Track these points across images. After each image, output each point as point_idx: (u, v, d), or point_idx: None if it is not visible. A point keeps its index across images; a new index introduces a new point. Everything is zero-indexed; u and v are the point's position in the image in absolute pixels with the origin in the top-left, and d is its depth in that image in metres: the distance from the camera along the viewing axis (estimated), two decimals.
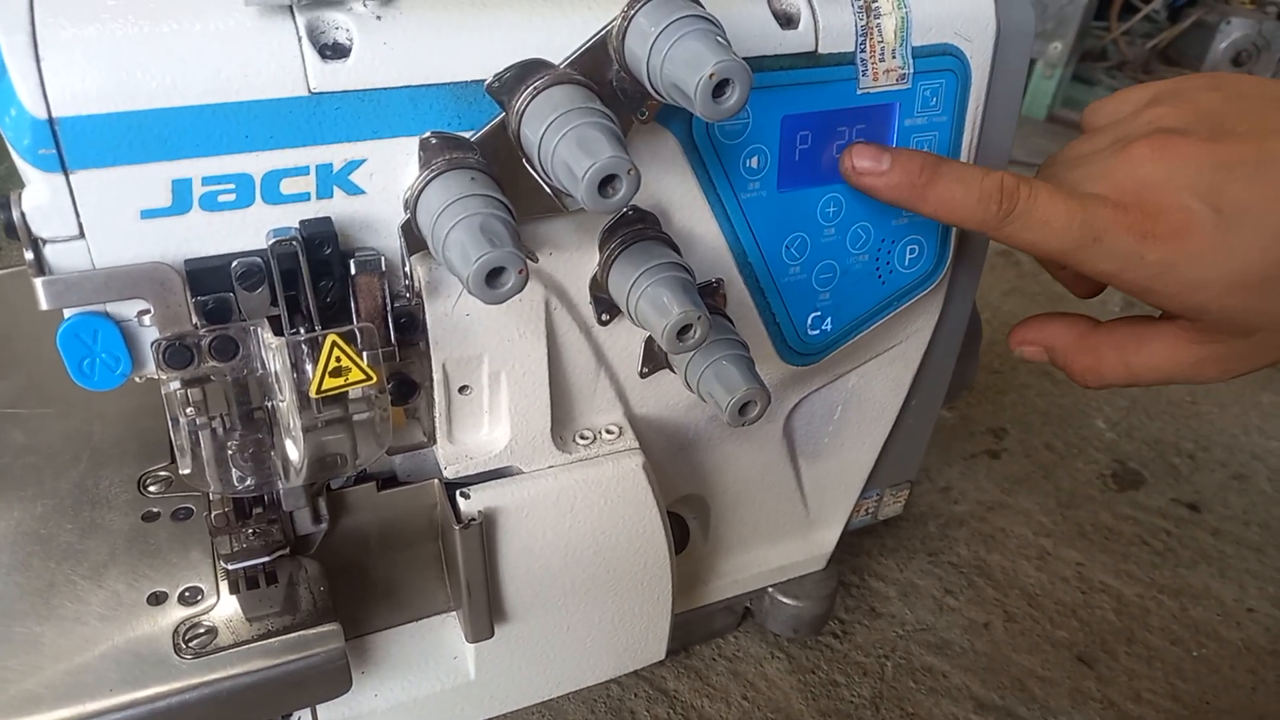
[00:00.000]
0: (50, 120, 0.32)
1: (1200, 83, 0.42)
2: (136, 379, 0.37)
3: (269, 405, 0.39)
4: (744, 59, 0.33)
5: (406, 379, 0.42)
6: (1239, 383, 0.99)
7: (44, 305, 0.34)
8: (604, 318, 0.44)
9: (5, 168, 0.34)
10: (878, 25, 0.43)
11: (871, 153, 0.43)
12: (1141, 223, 0.38)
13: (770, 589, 0.63)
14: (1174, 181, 0.38)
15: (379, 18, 0.36)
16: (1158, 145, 0.39)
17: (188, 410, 0.38)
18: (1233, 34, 1.82)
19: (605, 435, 0.48)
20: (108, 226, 0.34)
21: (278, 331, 0.37)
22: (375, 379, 0.38)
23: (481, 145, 0.37)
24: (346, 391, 0.38)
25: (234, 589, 0.42)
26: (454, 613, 0.50)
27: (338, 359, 0.36)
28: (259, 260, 0.36)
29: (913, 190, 0.42)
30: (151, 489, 0.48)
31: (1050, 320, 0.47)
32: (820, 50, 0.42)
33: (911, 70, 0.44)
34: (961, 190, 0.41)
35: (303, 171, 0.36)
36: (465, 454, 0.45)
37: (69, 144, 0.33)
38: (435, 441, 0.44)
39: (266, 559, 0.42)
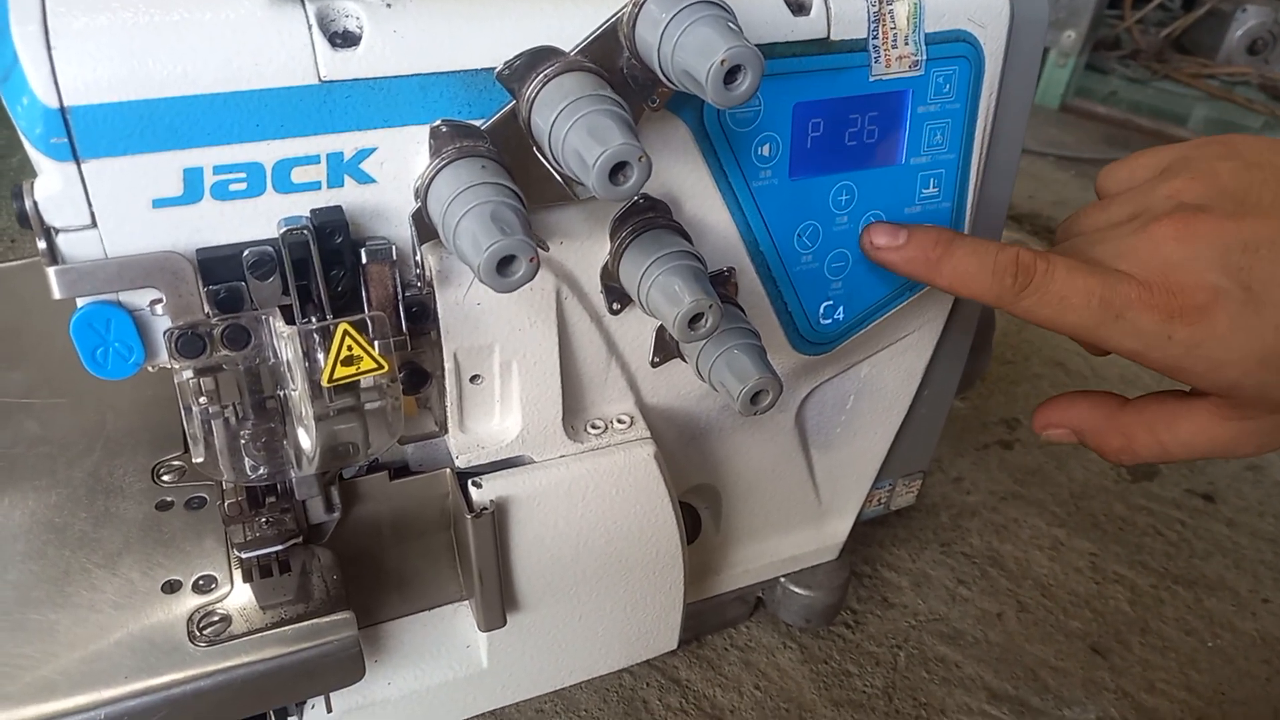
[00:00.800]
0: (62, 109, 0.32)
1: (1214, 150, 0.42)
2: (149, 368, 0.38)
3: (281, 394, 0.39)
4: (755, 46, 0.33)
5: (418, 368, 0.42)
6: None
7: (57, 294, 0.34)
8: (615, 307, 0.44)
9: (20, 159, 0.34)
10: (890, 12, 0.43)
11: (889, 229, 0.45)
12: (1167, 301, 0.38)
13: (782, 579, 0.63)
14: (1199, 261, 0.38)
15: (389, 5, 0.36)
16: (1181, 224, 0.38)
17: (200, 399, 0.38)
18: (1248, 22, 1.80)
19: (617, 425, 0.48)
20: (120, 215, 0.34)
21: (289, 320, 0.37)
22: (387, 368, 0.38)
23: (492, 133, 0.37)
24: (358, 380, 0.38)
25: (247, 577, 0.42)
26: (466, 602, 0.50)
27: (349, 348, 0.36)
28: (270, 249, 0.36)
29: (928, 264, 0.43)
30: (165, 478, 0.48)
31: (1075, 401, 0.46)
32: (832, 37, 0.42)
33: (924, 57, 0.44)
34: (976, 264, 0.41)
35: (313, 160, 0.36)
36: (477, 443, 0.45)
37: (81, 133, 0.33)
38: (447, 431, 0.44)
39: (279, 547, 0.42)
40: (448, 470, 0.46)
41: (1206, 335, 0.38)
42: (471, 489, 0.45)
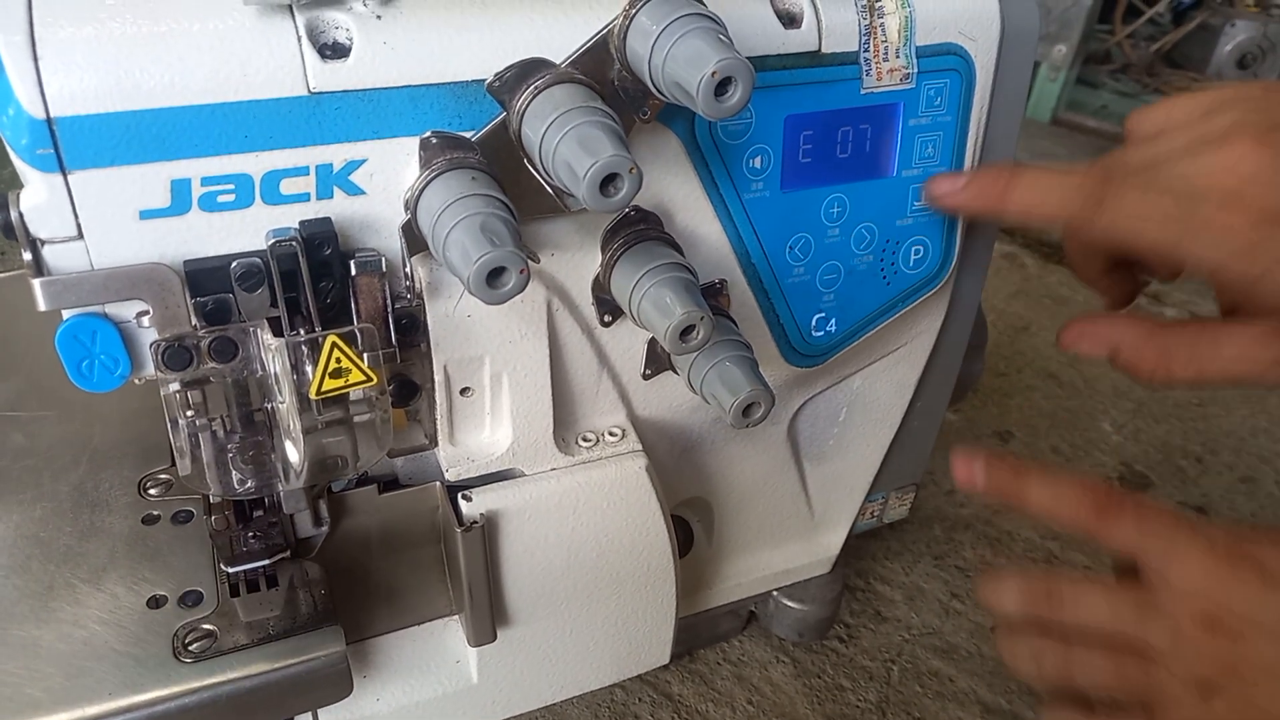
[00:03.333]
0: (48, 120, 0.32)
1: (1254, 90, 0.41)
2: (135, 381, 0.37)
3: (269, 407, 0.39)
4: (746, 58, 0.33)
5: (407, 381, 0.42)
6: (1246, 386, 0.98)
7: (42, 306, 0.34)
8: (606, 319, 0.44)
9: (9, 173, 0.34)
10: (881, 25, 0.43)
11: (949, 177, 0.46)
12: (1255, 205, 0.37)
13: (775, 593, 0.63)
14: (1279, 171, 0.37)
15: (379, 17, 0.35)
16: (1258, 139, 0.38)
17: (187, 412, 0.37)
18: (1237, 36, 1.81)
19: (608, 437, 0.48)
20: (106, 227, 0.34)
21: (277, 332, 0.36)
22: (375, 380, 0.37)
23: (482, 145, 0.37)
24: (347, 393, 0.37)
25: (234, 592, 0.41)
26: (456, 616, 0.50)
27: (338, 360, 0.36)
28: (259, 261, 0.36)
29: (995, 198, 0.44)
30: (152, 492, 0.48)
31: (1112, 318, 0.46)
32: (823, 50, 0.42)
33: (915, 70, 0.44)
34: (1044, 188, 0.42)
35: (302, 172, 0.36)
36: (467, 456, 0.45)
37: (67, 144, 0.32)
38: (437, 444, 0.44)
39: (267, 562, 0.41)
40: (437, 483, 0.46)
41: None
42: (461, 502, 0.44)
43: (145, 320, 0.36)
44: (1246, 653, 0.38)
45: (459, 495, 0.44)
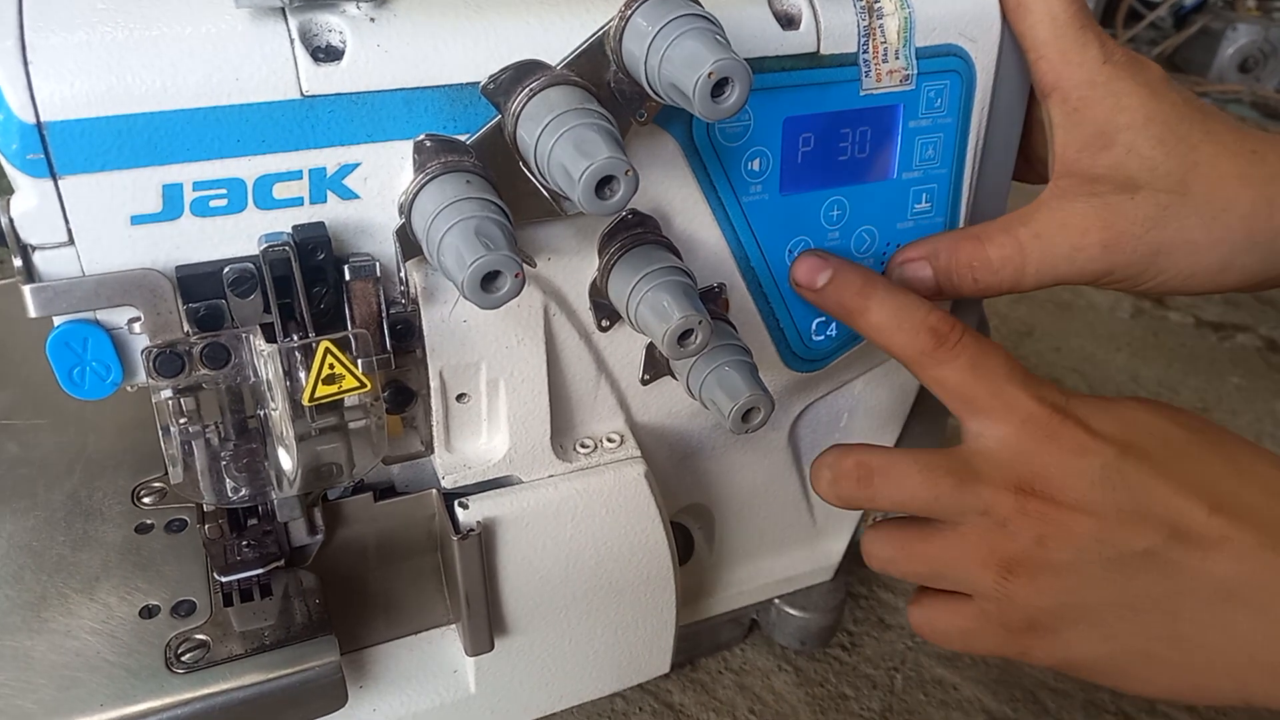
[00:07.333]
0: (38, 125, 0.32)
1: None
2: (128, 388, 0.37)
3: (262, 414, 0.38)
4: (744, 59, 0.32)
5: (403, 387, 0.42)
6: (1251, 390, 0.98)
7: (32, 313, 0.34)
8: (604, 323, 0.44)
9: (5, 181, 0.34)
10: (880, 26, 0.42)
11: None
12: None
13: (777, 600, 0.62)
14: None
15: (372, 20, 0.35)
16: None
17: (180, 420, 0.37)
18: (1239, 40, 1.81)
19: (606, 444, 0.47)
20: (97, 232, 0.34)
21: (270, 338, 0.36)
22: (370, 386, 0.37)
23: (477, 148, 0.36)
24: (341, 400, 0.37)
25: (228, 602, 0.41)
26: (453, 626, 0.49)
27: (331, 366, 0.36)
28: (251, 266, 0.35)
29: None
30: (145, 500, 0.47)
31: None
32: (822, 51, 0.41)
33: (915, 71, 0.44)
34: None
35: (295, 176, 0.35)
36: (464, 463, 0.44)
37: (57, 149, 0.32)
38: (433, 451, 0.44)
39: (261, 571, 0.41)
40: (434, 491, 0.45)
41: None
42: (458, 510, 0.44)
43: (137, 326, 0.35)
44: (1055, 525, 0.36)
45: (456, 503, 0.44)
